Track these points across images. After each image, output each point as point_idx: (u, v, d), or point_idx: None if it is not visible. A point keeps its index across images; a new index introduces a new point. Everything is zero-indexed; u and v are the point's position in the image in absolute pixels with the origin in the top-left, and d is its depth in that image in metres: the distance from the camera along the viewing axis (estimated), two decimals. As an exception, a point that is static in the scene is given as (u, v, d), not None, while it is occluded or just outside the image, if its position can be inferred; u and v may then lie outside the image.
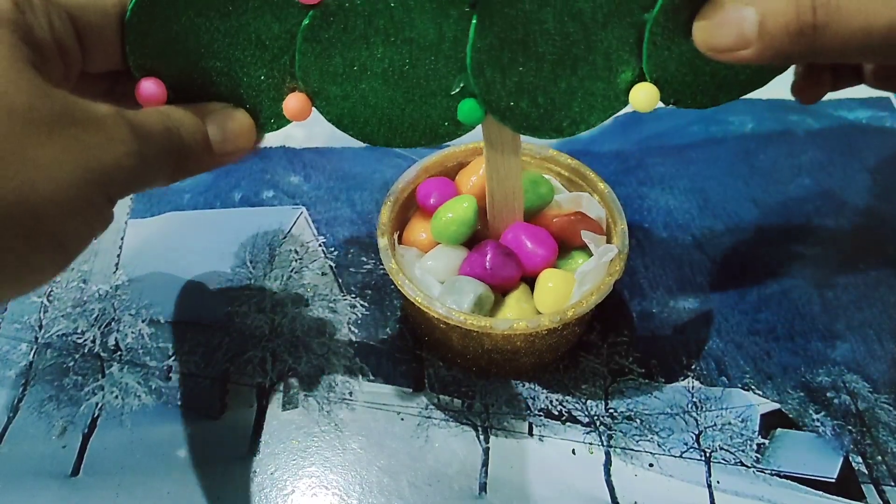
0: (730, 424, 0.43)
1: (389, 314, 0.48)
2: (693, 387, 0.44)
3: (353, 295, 0.49)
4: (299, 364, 0.45)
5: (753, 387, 0.44)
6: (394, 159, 0.57)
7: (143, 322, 0.47)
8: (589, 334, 0.46)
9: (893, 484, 0.40)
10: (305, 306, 0.48)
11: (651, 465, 0.41)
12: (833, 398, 0.44)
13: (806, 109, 0.60)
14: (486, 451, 0.42)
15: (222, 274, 0.50)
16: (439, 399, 0.44)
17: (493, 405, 0.44)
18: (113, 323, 0.47)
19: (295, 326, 0.47)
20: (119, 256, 0.51)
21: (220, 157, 0.32)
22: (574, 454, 0.42)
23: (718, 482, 0.40)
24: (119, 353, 0.46)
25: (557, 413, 0.43)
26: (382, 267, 0.48)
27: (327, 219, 0.54)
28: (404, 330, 0.47)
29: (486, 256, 0.41)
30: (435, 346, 0.45)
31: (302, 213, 0.54)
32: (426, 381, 0.45)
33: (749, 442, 0.42)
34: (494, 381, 0.44)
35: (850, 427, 0.42)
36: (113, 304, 0.48)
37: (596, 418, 0.43)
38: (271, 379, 0.45)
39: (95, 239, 0.28)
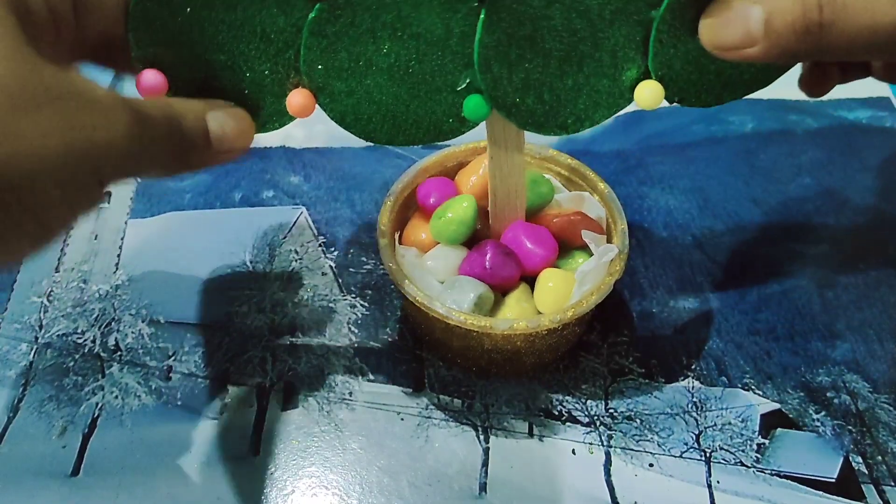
0: (730, 424, 0.43)
1: (389, 314, 0.48)
2: (693, 387, 0.44)
3: (353, 295, 0.49)
4: (299, 364, 0.45)
5: (753, 387, 0.44)
6: (394, 159, 0.57)
7: (143, 322, 0.47)
8: (589, 334, 0.46)
9: (893, 484, 0.40)
10: (305, 306, 0.48)
11: (651, 465, 0.41)
12: (833, 398, 0.44)
13: (806, 109, 0.60)
14: (486, 451, 0.42)
15: (222, 274, 0.50)
16: (439, 399, 0.44)
17: (493, 405, 0.44)
18: (113, 323, 0.47)
19: (295, 326, 0.47)
20: (119, 256, 0.51)
21: (219, 155, 0.32)
22: (574, 454, 0.42)
23: (718, 482, 0.40)
24: (119, 353, 0.46)
25: (557, 413, 0.43)
26: (382, 267, 0.48)
27: (327, 219, 0.54)
28: (404, 330, 0.47)
29: (486, 256, 0.41)
30: (435, 346, 0.45)
31: (302, 213, 0.54)
32: (426, 381, 0.45)
33: (749, 442, 0.42)
34: (494, 381, 0.44)
35: (850, 427, 0.42)
36: (113, 304, 0.48)
37: (596, 418, 0.43)
38: (271, 379, 0.45)
39: (81, 217, 0.27)
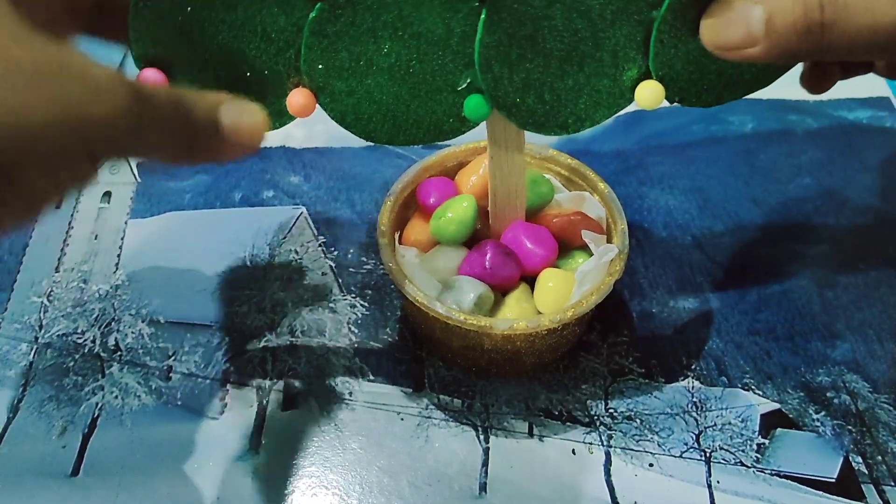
0: (730, 424, 0.43)
1: (389, 314, 0.48)
2: (693, 387, 0.44)
3: (353, 295, 0.49)
4: (299, 364, 0.45)
5: (753, 387, 0.44)
6: (394, 159, 0.57)
7: (143, 322, 0.47)
8: (589, 334, 0.46)
9: (893, 484, 0.40)
10: (305, 306, 0.48)
11: (651, 465, 0.41)
12: (833, 398, 0.44)
13: (806, 109, 0.60)
14: (486, 451, 0.42)
15: (222, 274, 0.50)
16: (439, 399, 0.44)
17: (493, 405, 0.44)
18: (113, 323, 0.47)
19: (295, 326, 0.47)
20: (119, 256, 0.51)
21: (229, 149, 0.31)
22: (574, 454, 0.42)
23: (718, 482, 0.40)
24: (119, 353, 0.46)
25: (557, 413, 0.43)
26: (382, 267, 0.48)
27: (327, 219, 0.54)
28: (404, 330, 0.47)
29: (486, 256, 0.40)
30: (435, 346, 0.45)
31: (302, 213, 0.54)
32: (426, 381, 0.45)
33: (749, 442, 0.42)
34: (494, 381, 0.44)
35: (850, 427, 0.42)
36: (113, 304, 0.48)
37: (596, 418, 0.43)
38: (271, 379, 0.45)
39: (71, 192, 0.27)
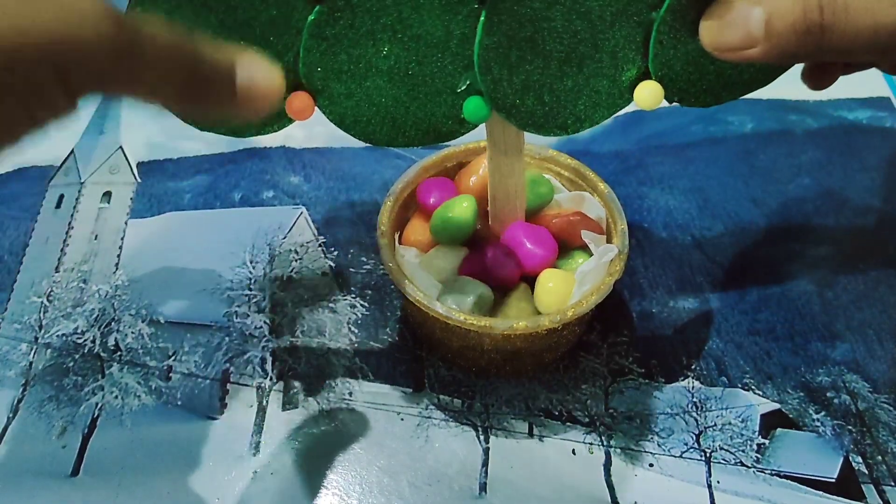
0: (730, 424, 0.43)
1: (389, 314, 0.48)
2: (693, 387, 0.44)
3: (353, 295, 0.49)
4: (299, 364, 0.45)
5: (753, 387, 0.44)
6: (394, 160, 0.57)
7: (143, 322, 0.47)
8: (589, 334, 0.46)
9: (893, 484, 0.40)
10: (305, 306, 0.48)
11: (651, 465, 0.41)
12: (833, 398, 0.44)
13: (806, 109, 0.60)
14: (486, 451, 0.42)
15: (222, 274, 0.50)
16: (439, 399, 0.44)
17: (493, 405, 0.44)
18: (113, 323, 0.47)
19: (295, 326, 0.47)
20: (119, 256, 0.51)
21: (241, 105, 0.29)
22: (574, 454, 0.42)
23: (718, 482, 0.40)
24: (119, 353, 0.46)
25: (557, 413, 0.43)
26: (382, 267, 0.48)
27: (327, 219, 0.54)
28: (404, 330, 0.47)
29: (486, 256, 0.41)
30: (435, 346, 0.45)
31: (302, 213, 0.54)
32: (426, 381, 0.45)
33: (749, 442, 0.42)
34: (494, 381, 0.44)
35: (850, 427, 0.42)
36: (113, 304, 0.48)
37: (596, 418, 0.43)
38: (271, 379, 0.45)
39: (44, 125, 0.25)
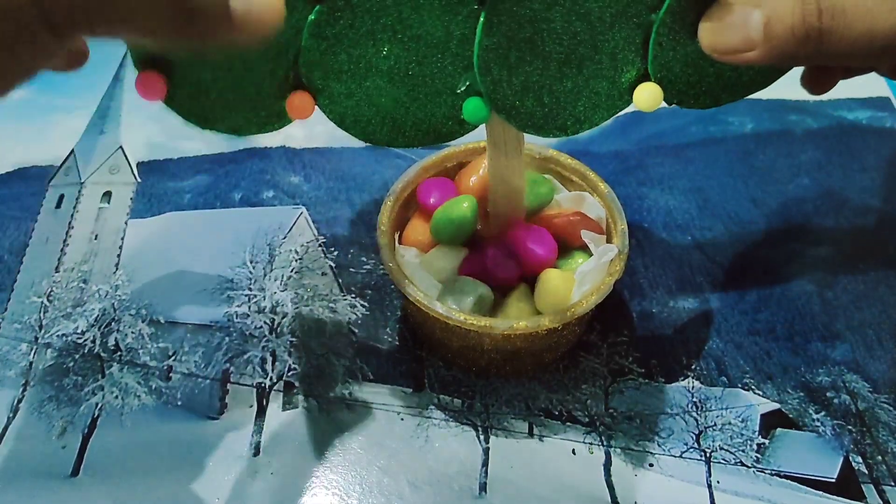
0: (730, 424, 0.43)
1: (389, 314, 0.48)
2: (693, 387, 0.44)
3: (353, 295, 0.49)
4: (299, 364, 0.45)
5: (753, 387, 0.44)
6: (394, 160, 0.57)
7: (143, 322, 0.47)
8: (589, 334, 0.46)
9: (893, 484, 0.40)
10: (305, 306, 0.48)
11: (651, 465, 0.41)
12: (833, 398, 0.44)
13: (806, 109, 0.60)
14: (486, 451, 0.42)
15: (222, 274, 0.50)
16: (439, 399, 0.44)
17: (493, 405, 0.44)
18: (113, 323, 0.47)
19: (295, 326, 0.47)
20: (119, 256, 0.51)
21: (238, 32, 0.27)
22: (574, 454, 0.42)
23: (718, 482, 0.40)
24: (119, 353, 0.46)
25: (557, 413, 0.43)
26: (382, 267, 0.48)
27: (327, 219, 0.54)
28: (404, 330, 0.47)
29: (486, 256, 0.41)
30: (435, 346, 0.45)
31: (302, 213, 0.54)
32: (426, 381, 0.45)
33: (749, 442, 0.42)
34: (494, 381, 0.44)
35: (850, 427, 0.42)
36: (113, 304, 0.48)
37: (596, 418, 0.43)
38: (271, 379, 0.45)
39: (34, 70, 0.24)
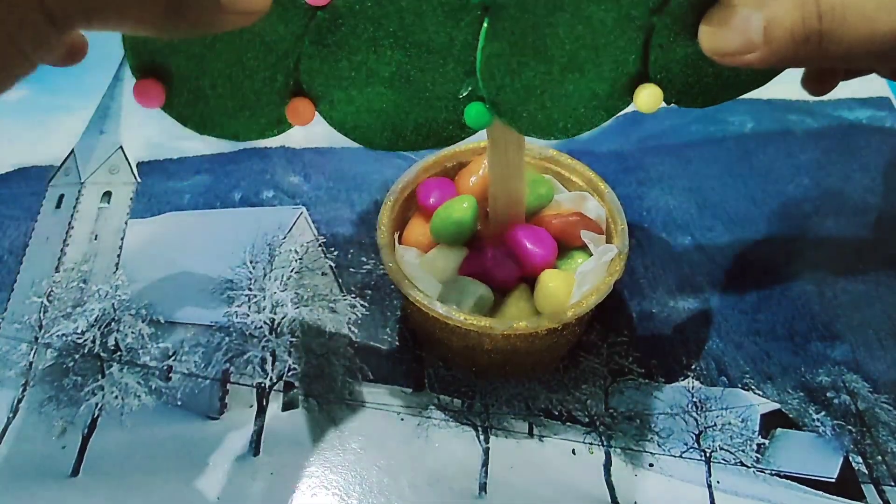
0: (730, 424, 0.43)
1: (389, 314, 0.48)
2: (693, 387, 0.44)
3: (353, 295, 0.49)
4: (299, 364, 0.45)
5: (753, 387, 0.44)
6: (394, 160, 0.57)
7: (143, 322, 0.47)
8: (589, 334, 0.46)
9: (893, 484, 0.40)
10: (305, 306, 0.48)
11: (651, 465, 0.41)
12: (833, 398, 0.44)
13: (806, 109, 0.60)
14: (486, 452, 0.42)
15: (222, 274, 0.50)
16: (439, 399, 0.44)
17: (493, 405, 0.44)
18: (113, 323, 0.47)
19: (295, 326, 0.47)
20: (119, 256, 0.51)
21: (228, 15, 0.27)
22: (574, 454, 0.42)
23: (718, 482, 0.40)
24: (119, 353, 0.46)
25: (557, 413, 0.43)
26: (382, 267, 0.48)
27: (327, 219, 0.54)
28: (404, 330, 0.47)
29: (486, 256, 0.41)
30: (435, 346, 0.45)
31: (302, 213, 0.54)
32: (426, 381, 0.45)
33: (749, 442, 0.42)
34: (494, 381, 0.44)
35: (850, 427, 0.42)
36: (113, 304, 0.48)
37: (596, 418, 0.43)
38: (271, 379, 0.45)
39: (35, 63, 0.24)
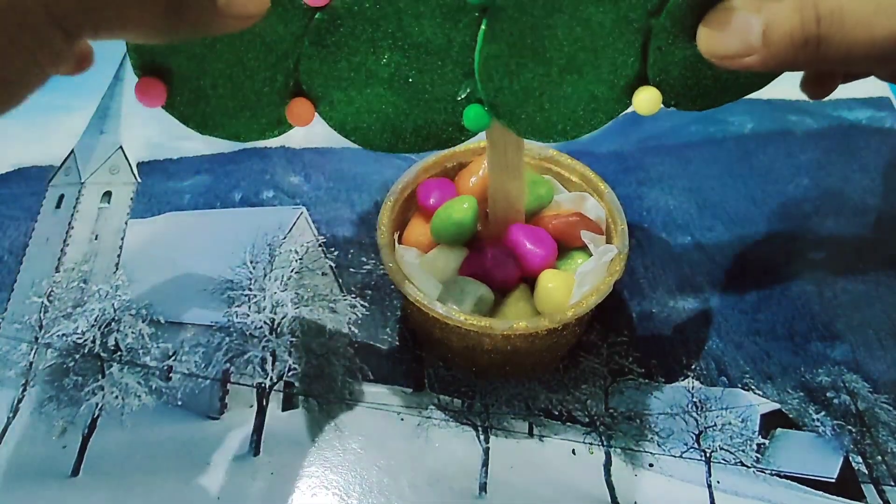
0: (730, 424, 0.43)
1: (389, 314, 0.48)
2: (693, 387, 0.44)
3: (353, 295, 0.49)
4: (299, 364, 0.45)
5: (753, 387, 0.44)
6: (394, 160, 0.57)
7: (143, 322, 0.47)
8: (589, 334, 0.46)
9: (893, 484, 0.40)
10: (305, 306, 0.48)
11: (651, 465, 0.41)
12: (833, 398, 0.44)
13: (806, 109, 0.60)
14: (486, 451, 0.42)
15: (222, 274, 0.50)
16: (439, 399, 0.44)
17: (493, 405, 0.44)
18: (113, 323, 0.47)
19: (295, 326, 0.47)
20: (119, 256, 0.51)
21: (224, 20, 0.28)
22: (574, 454, 0.42)
23: (718, 482, 0.40)
24: (119, 353, 0.46)
25: (557, 413, 0.43)
26: (382, 267, 0.48)
27: (327, 219, 0.54)
28: (404, 330, 0.47)
29: (486, 256, 0.41)
30: (435, 346, 0.45)
31: (302, 213, 0.54)
32: (426, 381, 0.45)
33: (749, 442, 0.42)
34: (494, 381, 0.44)
35: (850, 427, 0.42)
36: (113, 304, 0.48)
37: (596, 418, 0.43)
38: (271, 379, 0.45)
39: (48, 74, 0.25)
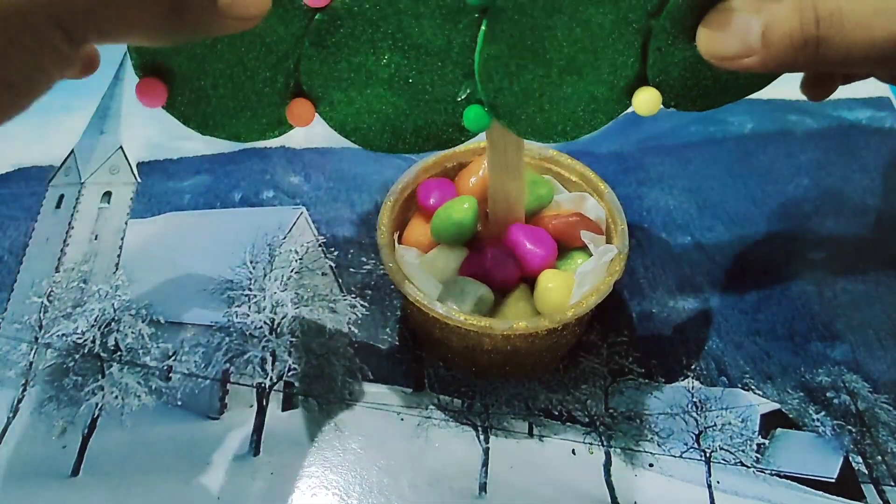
0: (730, 424, 0.43)
1: (389, 314, 0.48)
2: (693, 387, 0.44)
3: (353, 295, 0.49)
4: (299, 364, 0.45)
5: (753, 387, 0.44)
6: (394, 160, 0.57)
7: (143, 322, 0.47)
8: (589, 334, 0.46)
9: (893, 484, 0.40)
10: (305, 306, 0.48)
11: (651, 465, 0.41)
12: (833, 398, 0.44)
13: (806, 109, 0.60)
14: (486, 451, 0.42)
15: (222, 274, 0.50)
16: (439, 399, 0.44)
17: (493, 405, 0.44)
18: (113, 323, 0.47)
19: (295, 326, 0.47)
20: (119, 256, 0.51)
21: (225, 21, 0.28)
22: (574, 454, 0.42)
23: (718, 482, 0.40)
24: (119, 353, 0.46)
25: (557, 413, 0.43)
26: (382, 267, 0.48)
27: (327, 219, 0.54)
28: (404, 330, 0.47)
29: (486, 257, 0.41)
30: (435, 346, 0.45)
31: (302, 213, 0.54)
32: (426, 381, 0.45)
33: (749, 442, 0.42)
34: (494, 381, 0.44)
35: (850, 427, 0.42)
36: (113, 304, 0.48)
37: (596, 418, 0.43)
38: (271, 379, 0.45)
39: (54, 79, 0.25)
